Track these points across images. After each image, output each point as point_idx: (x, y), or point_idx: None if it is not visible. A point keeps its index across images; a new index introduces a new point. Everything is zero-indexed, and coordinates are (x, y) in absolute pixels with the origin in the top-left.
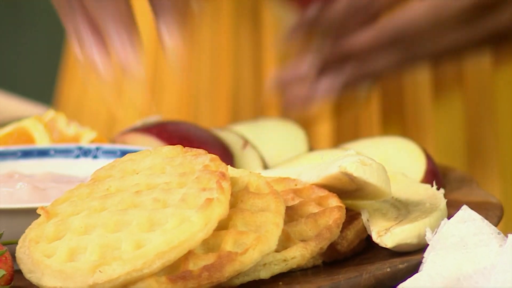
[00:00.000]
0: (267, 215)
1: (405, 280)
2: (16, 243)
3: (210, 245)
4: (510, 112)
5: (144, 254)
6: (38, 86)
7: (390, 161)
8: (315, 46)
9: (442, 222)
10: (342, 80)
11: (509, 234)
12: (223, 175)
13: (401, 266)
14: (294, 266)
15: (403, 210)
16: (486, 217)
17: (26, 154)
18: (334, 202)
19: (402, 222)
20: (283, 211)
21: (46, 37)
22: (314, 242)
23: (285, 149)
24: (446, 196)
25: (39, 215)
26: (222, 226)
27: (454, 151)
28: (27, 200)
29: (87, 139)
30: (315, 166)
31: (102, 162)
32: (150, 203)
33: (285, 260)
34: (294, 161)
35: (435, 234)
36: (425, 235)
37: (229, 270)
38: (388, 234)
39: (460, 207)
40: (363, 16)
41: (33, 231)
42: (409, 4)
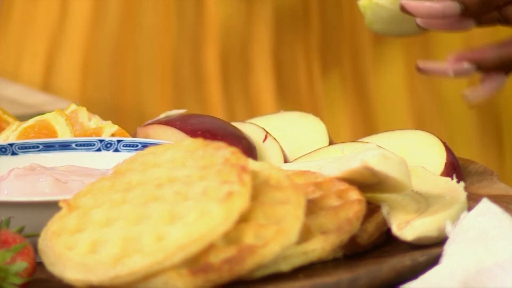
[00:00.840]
0: (288, 208)
1: (424, 272)
2: (38, 236)
3: (231, 237)
4: None
5: (165, 246)
6: None
7: (410, 154)
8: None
9: (462, 215)
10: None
11: None
12: (244, 168)
13: (421, 259)
14: (315, 259)
15: (423, 203)
16: (507, 210)
17: (48, 147)
18: (355, 195)
19: (422, 215)
20: (304, 204)
21: None
22: (335, 235)
23: (305, 142)
24: (466, 189)
25: (61, 208)
26: (243, 219)
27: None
28: (49, 193)
29: (109, 132)
30: (336, 159)
31: (124, 155)
32: (171, 196)
33: (305, 252)
34: (315, 154)
35: (455, 227)
36: (445, 228)
37: (249, 263)
38: (408, 227)
39: (480, 200)
40: None
41: (55, 224)
42: None
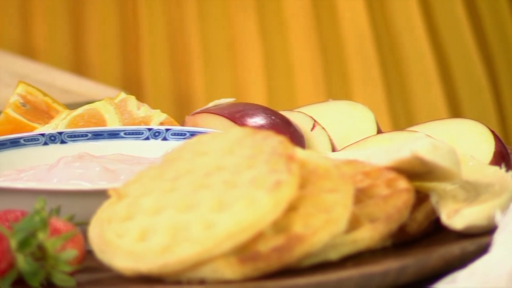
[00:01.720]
0: (336, 197)
1: (473, 261)
2: (87, 224)
3: (279, 226)
4: None
5: (214, 235)
6: None
7: (458, 143)
8: None
9: None
10: None
11: None
12: (292, 157)
13: (470, 247)
14: (363, 248)
15: (472, 192)
16: None
17: (97, 135)
18: (403, 184)
19: (472, 204)
20: (352, 193)
21: None
22: (383, 224)
23: (353, 131)
24: None
25: (110, 196)
26: (291, 207)
27: None
28: (98, 181)
29: (157, 121)
30: (385, 149)
31: (172, 143)
32: (219, 185)
33: (354, 241)
34: (363, 143)
35: (505, 216)
36: (494, 217)
37: (298, 251)
38: (457, 216)
39: None
40: None
41: (104, 212)
42: None
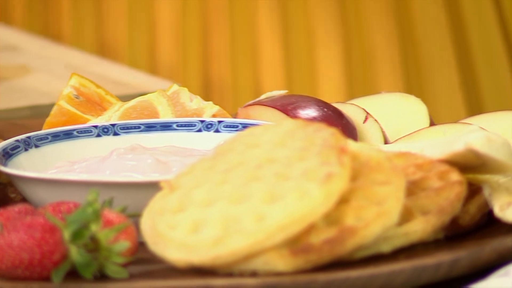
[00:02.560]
0: (388, 189)
1: None
2: (140, 216)
3: (331, 218)
4: None
5: (266, 227)
6: None
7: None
8: None
9: None
10: None
11: None
12: (344, 150)
13: None
14: (415, 240)
15: None
16: None
17: (149, 127)
18: (456, 176)
19: None
20: (404, 185)
21: None
22: (436, 216)
23: (406, 123)
24: None
25: (162, 188)
26: (343, 200)
27: None
28: (151, 173)
29: (210, 113)
30: (438, 141)
31: (224, 135)
32: (271, 177)
33: (406, 234)
34: (415, 135)
35: None
36: None
37: (350, 244)
38: (510, 208)
39: None
40: None
41: (156, 204)
42: None
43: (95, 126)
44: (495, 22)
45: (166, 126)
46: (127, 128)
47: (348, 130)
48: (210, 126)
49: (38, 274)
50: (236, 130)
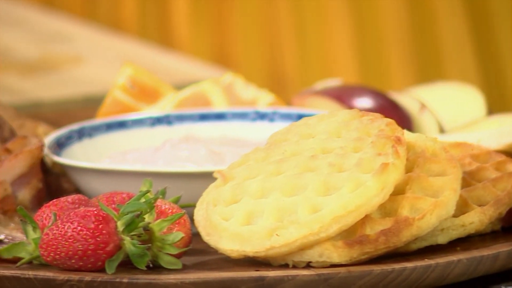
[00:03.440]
0: (444, 180)
1: None
2: (193, 206)
3: (386, 209)
4: None
5: (320, 218)
6: None
7: None
8: None
9: None
10: None
11: None
12: (399, 140)
13: None
14: (472, 232)
15: None
16: None
17: (203, 117)
18: None
19: None
20: (460, 176)
21: None
22: (493, 207)
23: (462, 113)
24: None
25: (216, 179)
26: (399, 191)
27: None
28: (204, 163)
29: (264, 103)
30: (495, 132)
31: (278, 125)
32: (325, 167)
33: (463, 225)
34: (472, 125)
35: None
36: None
37: (406, 235)
38: None
39: None
40: None
41: (210, 194)
42: None
43: (149, 116)
44: None
45: (220, 116)
46: (181, 118)
47: (403, 120)
48: (264, 115)
49: (91, 265)
50: (290, 120)
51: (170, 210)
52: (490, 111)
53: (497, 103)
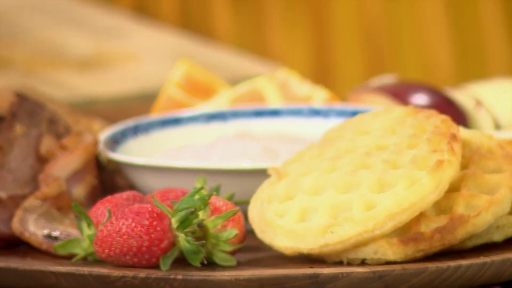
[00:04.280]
0: (500, 177)
1: None
2: (247, 203)
3: (441, 207)
4: None
5: (375, 215)
6: None
7: None
8: None
9: None
10: None
11: None
12: (454, 137)
13: None
14: None
15: None
16: None
17: (258, 113)
18: None
19: None
20: None
21: None
22: None
23: None
24: None
25: (270, 175)
26: (454, 188)
27: None
28: (258, 159)
29: (319, 99)
30: None
31: (333, 122)
32: (380, 164)
33: None
34: None
35: None
36: None
37: (461, 233)
38: None
39: None
40: None
41: (264, 191)
42: None
43: (203, 112)
44: None
45: (274, 113)
46: (236, 114)
47: (459, 116)
48: (319, 112)
49: (146, 261)
50: (345, 116)
51: (224, 207)
52: None
53: None
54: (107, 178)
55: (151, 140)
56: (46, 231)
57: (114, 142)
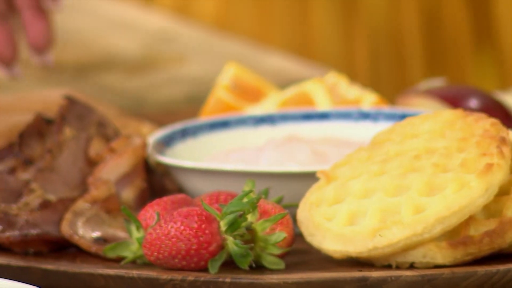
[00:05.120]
0: None
1: None
2: (296, 206)
3: (491, 210)
4: None
5: (424, 218)
6: None
7: None
8: None
9: None
10: None
11: None
12: (504, 140)
13: None
14: None
15: None
16: None
17: (307, 117)
18: None
19: None
20: None
21: None
22: None
23: None
24: None
25: (319, 179)
26: (503, 191)
27: None
28: (307, 163)
29: (368, 102)
30: None
31: (382, 125)
32: (429, 168)
33: None
34: None
35: None
36: None
37: (511, 236)
38: None
39: None
40: None
41: (313, 194)
42: None
43: (252, 116)
44: None
45: (323, 116)
46: (284, 117)
47: (508, 120)
48: (368, 115)
49: (194, 264)
50: (394, 120)
51: (273, 210)
52: None
53: None
54: (156, 181)
55: (199, 143)
56: (95, 234)
57: (162, 145)
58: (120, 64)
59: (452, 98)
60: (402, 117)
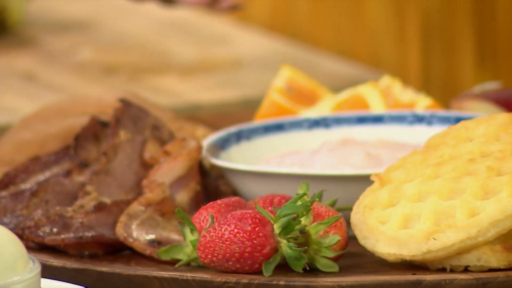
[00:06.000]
0: None
1: None
2: (350, 209)
3: None
4: None
5: (478, 222)
6: None
7: None
8: None
9: None
10: None
11: None
12: None
13: None
14: None
15: None
16: None
17: (361, 120)
18: None
19: None
20: None
21: None
22: None
23: None
24: None
25: (373, 182)
26: None
27: None
28: (361, 166)
29: (422, 105)
30: None
31: (436, 128)
32: (484, 171)
33: None
34: None
35: None
36: None
37: None
38: None
39: None
40: None
41: (367, 198)
42: None
43: (306, 119)
44: None
45: (377, 119)
46: (339, 121)
47: None
48: (422, 118)
49: (248, 267)
50: (448, 123)
51: (327, 213)
52: None
53: None
54: (210, 184)
55: (254, 146)
56: (149, 237)
57: (217, 148)
58: (175, 67)
59: (506, 102)
60: (457, 120)
